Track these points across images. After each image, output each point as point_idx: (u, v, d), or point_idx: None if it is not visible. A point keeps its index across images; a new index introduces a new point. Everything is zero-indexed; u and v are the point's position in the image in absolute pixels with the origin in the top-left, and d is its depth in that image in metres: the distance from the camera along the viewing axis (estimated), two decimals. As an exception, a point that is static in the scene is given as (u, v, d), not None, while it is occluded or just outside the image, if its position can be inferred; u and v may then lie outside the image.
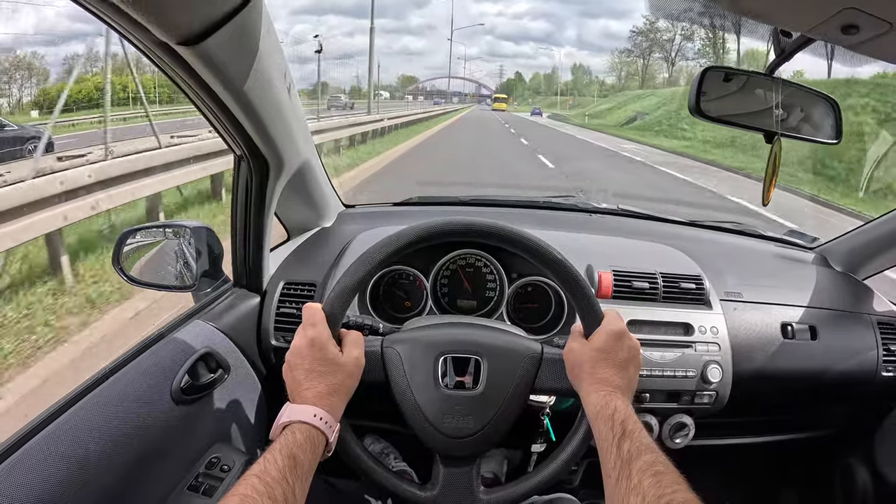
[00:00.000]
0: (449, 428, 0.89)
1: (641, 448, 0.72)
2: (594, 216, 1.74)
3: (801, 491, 1.74)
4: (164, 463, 0.90)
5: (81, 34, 29.40)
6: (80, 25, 29.71)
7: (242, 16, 0.76)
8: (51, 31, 29.51)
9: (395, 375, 0.91)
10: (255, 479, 0.67)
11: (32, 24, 24.06)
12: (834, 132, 1.06)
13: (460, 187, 9.09)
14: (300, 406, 0.79)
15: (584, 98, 78.67)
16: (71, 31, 31.98)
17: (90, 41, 14.24)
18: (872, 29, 0.73)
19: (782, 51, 0.93)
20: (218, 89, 0.85)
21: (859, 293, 1.49)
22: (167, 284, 1.22)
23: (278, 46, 0.93)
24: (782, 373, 1.31)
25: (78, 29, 30.51)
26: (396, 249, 0.90)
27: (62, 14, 31.25)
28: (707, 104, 0.97)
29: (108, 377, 0.88)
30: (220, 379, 1.05)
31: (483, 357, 0.92)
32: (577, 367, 0.87)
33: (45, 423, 0.78)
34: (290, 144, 1.10)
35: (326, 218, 1.52)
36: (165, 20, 0.68)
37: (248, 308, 1.21)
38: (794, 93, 1.03)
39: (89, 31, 26.17)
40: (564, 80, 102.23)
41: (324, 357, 0.83)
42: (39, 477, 0.71)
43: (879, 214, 1.50)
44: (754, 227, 1.81)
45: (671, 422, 1.24)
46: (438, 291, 1.29)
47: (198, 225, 1.20)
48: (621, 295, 1.26)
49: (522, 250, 0.91)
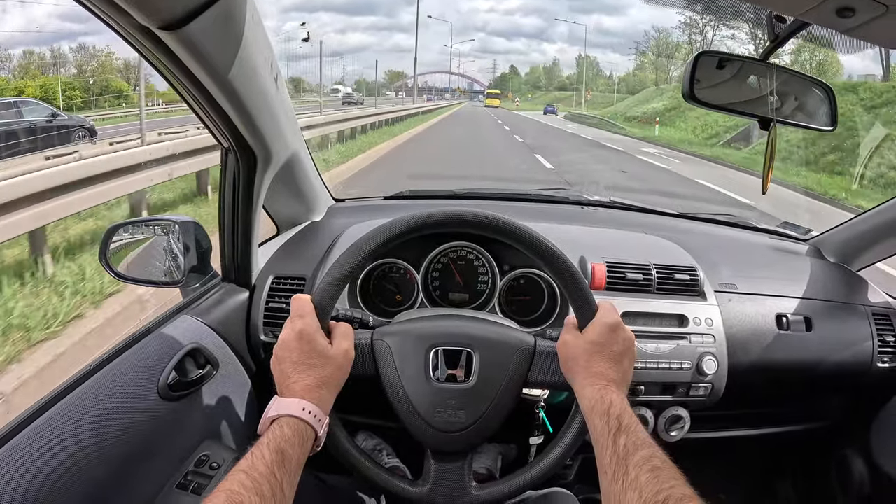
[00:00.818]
0: (440, 422, 0.87)
1: (638, 443, 0.71)
2: (586, 208, 1.73)
3: (797, 482, 1.74)
4: (151, 461, 0.88)
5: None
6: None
7: (226, 1, 0.74)
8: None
9: (385, 368, 0.89)
10: (243, 475, 0.65)
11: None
12: (829, 119, 1.06)
13: (451, 180, 8.92)
14: (288, 399, 0.77)
15: (593, 94, 72.30)
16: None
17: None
18: (868, 11, 0.72)
19: (776, 36, 0.92)
20: (202, 77, 0.83)
21: (854, 284, 1.49)
22: (155, 280, 1.20)
23: (264, 36, 0.91)
24: (777, 364, 1.31)
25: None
26: (386, 240, 0.88)
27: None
28: (701, 91, 0.96)
29: (94, 373, 0.87)
30: (208, 375, 1.03)
31: (475, 350, 0.91)
32: (570, 361, 0.85)
33: (31, 419, 0.76)
34: (277, 136, 1.09)
35: (316, 212, 1.50)
36: (146, 3, 0.66)
37: (237, 303, 1.20)
38: (789, 79, 1.03)
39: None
40: (567, 74, 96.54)
41: (312, 349, 0.81)
42: (26, 473, 0.70)
43: (873, 205, 1.49)
44: (748, 219, 1.80)
45: (666, 415, 1.23)
46: (430, 284, 1.27)
47: (185, 219, 1.19)
48: (615, 286, 1.25)
49: (515, 241, 0.90)
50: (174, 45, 0.74)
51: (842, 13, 0.74)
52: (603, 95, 68.32)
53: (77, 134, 9.41)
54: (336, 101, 35.02)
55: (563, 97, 76.13)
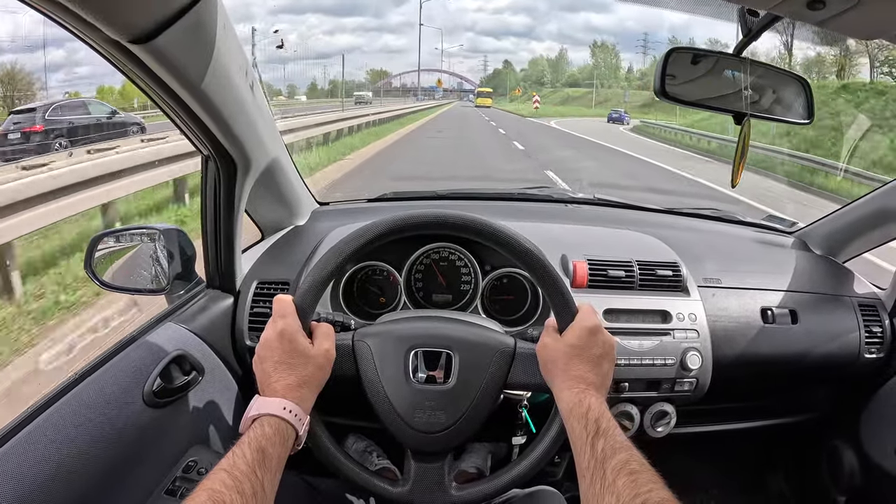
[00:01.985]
0: (420, 423, 0.88)
1: (616, 446, 0.71)
2: (569, 206, 1.73)
3: (788, 474, 1.75)
4: (139, 467, 0.89)
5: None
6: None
7: (196, 12, 0.74)
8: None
9: (365, 369, 0.90)
10: (224, 474, 0.66)
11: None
12: (805, 112, 1.06)
13: (436, 181, 8.89)
14: (269, 399, 0.78)
15: (609, 90, 58.53)
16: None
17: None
18: (839, 3, 0.72)
19: (749, 30, 0.92)
20: (176, 87, 0.83)
21: (839, 276, 1.50)
22: (140, 288, 1.21)
23: (237, 44, 0.91)
24: (763, 358, 1.31)
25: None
26: (366, 242, 0.89)
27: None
28: (674, 87, 0.96)
29: (79, 382, 0.87)
30: (194, 381, 1.04)
31: (454, 351, 0.91)
32: (550, 364, 0.85)
33: (17, 429, 0.76)
34: (256, 143, 1.09)
35: (299, 216, 1.50)
36: (115, 18, 0.67)
37: (222, 309, 1.20)
38: (765, 73, 1.03)
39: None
40: (576, 67, 77.72)
41: (293, 349, 0.81)
42: (12, 482, 0.70)
43: (858, 196, 1.50)
44: (732, 213, 1.80)
45: (652, 410, 1.24)
46: (413, 286, 1.28)
47: (169, 227, 1.19)
48: (597, 284, 1.25)
49: (494, 242, 0.90)
50: (146, 58, 0.75)
51: (812, 6, 0.74)
52: (611, 92, 56.59)
53: (131, 129, 10.85)
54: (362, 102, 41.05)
55: (576, 95, 61.84)
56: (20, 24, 21.78)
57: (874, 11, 0.74)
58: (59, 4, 0.62)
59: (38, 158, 5.28)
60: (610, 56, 69.66)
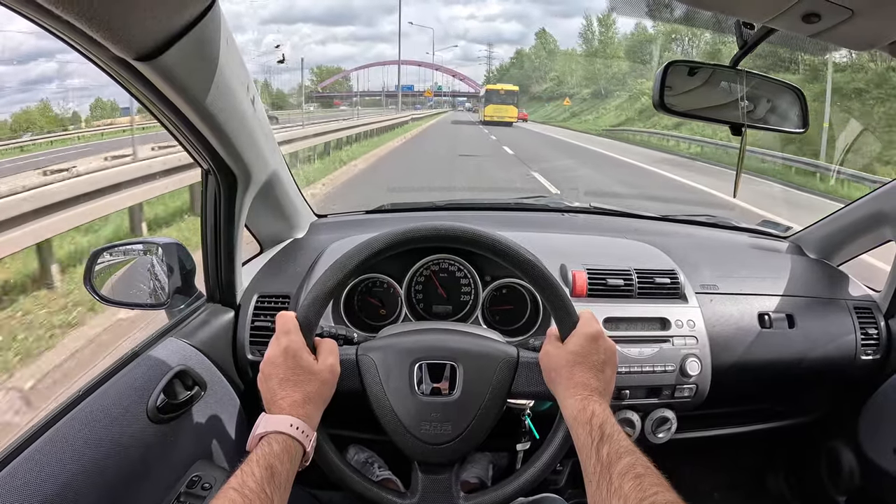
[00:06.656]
0: (426, 435, 0.88)
1: (621, 451, 0.72)
2: (567, 215, 1.74)
3: (788, 476, 1.76)
4: (144, 484, 0.88)
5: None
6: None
7: (199, 29, 0.75)
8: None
9: (370, 383, 0.90)
10: (234, 492, 0.66)
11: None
12: (800, 121, 1.08)
13: (433, 192, 8.90)
14: (276, 416, 0.78)
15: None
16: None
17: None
18: (834, 16, 0.73)
19: (745, 42, 0.94)
20: (179, 103, 0.83)
21: (835, 279, 1.51)
22: (140, 303, 1.20)
23: (239, 59, 0.92)
24: (761, 362, 1.32)
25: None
26: (367, 257, 0.89)
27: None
28: (672, 99, 0.98)
29: (82, 400, 0.87)
30: (196, 396, 1.03)
31: (458, 363, 0.91)
32: (553, 372, 0.86)
33: (21, 448, 0.76)
34: (256, 156, 1.09)
35: (298, 229, 1.50)
36: (121, 36, 0.67)
37: (223, 323, 1.20)
38: (760, 84, 1.05)
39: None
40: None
41: (298, 365, 0.81)
42: (20, 501, 0.70)
43: (852, 200, 1.52)
44: (727, 218, 1.82)
45: (653, 417, 1.24)
46: (413, 298, 1.28)
47: (168, 241, 1.19)
48: (596, 293, 1.26)
49: (493, 253, 0.90)
50: (151, 75, 0.75)
51: (807, 19, 0.75)
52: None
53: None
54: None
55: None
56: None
57: (868, 23, 0.76)
58: (66, 23, 0.62)
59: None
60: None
